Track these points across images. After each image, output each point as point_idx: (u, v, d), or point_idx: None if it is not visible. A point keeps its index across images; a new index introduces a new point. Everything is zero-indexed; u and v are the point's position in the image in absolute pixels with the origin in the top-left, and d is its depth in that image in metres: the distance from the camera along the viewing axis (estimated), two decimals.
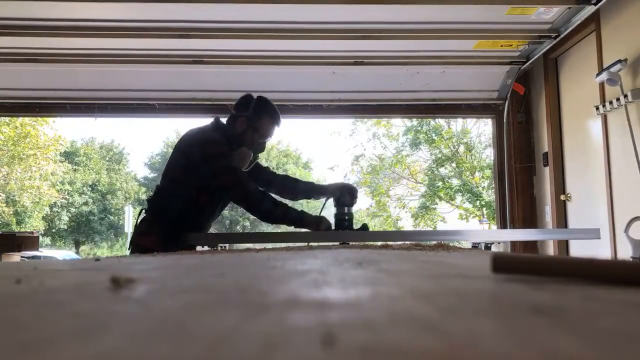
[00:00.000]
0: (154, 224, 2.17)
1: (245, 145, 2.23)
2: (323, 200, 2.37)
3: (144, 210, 2.26)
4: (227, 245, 2.16)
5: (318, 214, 2.24)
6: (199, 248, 2.06)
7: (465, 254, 1.04)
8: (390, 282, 0.49)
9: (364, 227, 2.24)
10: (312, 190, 2.42)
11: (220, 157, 2.11)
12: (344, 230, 2.17)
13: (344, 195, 2.23)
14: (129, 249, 2.25)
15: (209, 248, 2.05)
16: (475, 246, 2.25)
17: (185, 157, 2.17)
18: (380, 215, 15.74)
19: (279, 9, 3.17)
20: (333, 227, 2.19)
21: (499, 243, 3.02)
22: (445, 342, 0.24)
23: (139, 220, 2.24)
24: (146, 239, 2.12)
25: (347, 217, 2.22)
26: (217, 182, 2.10)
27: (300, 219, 2.16)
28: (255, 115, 2.24)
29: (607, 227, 3.18)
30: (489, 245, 2.27)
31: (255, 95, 2.32)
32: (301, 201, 2.66)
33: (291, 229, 2.21)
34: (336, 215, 2.24)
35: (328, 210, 2.34)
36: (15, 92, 4.26)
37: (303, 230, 2.18)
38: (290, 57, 3.89)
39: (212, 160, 2.10)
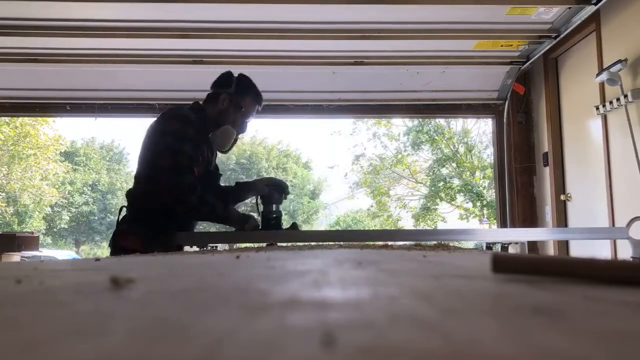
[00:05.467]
0: (134, 221, 1.98)
1: (228, 124, 2.07)
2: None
3: (124, 208, 2.05)
4: (217, 245, 2.00)
5: (257, 212, 2.07)
6: (186, 248, 1.93)
7: (466, 254, 1.04)
8: (390, 282, 0.49)
9: (294, 226, 2.09)
10: (241, 190, 2.22)
11: (172, 136, 1.90)
12: (271, 229, 2.00)
13: (271, 191, 2.06)
14: (109, 247, 2.04)
15: (198, 248, 1.90)
16: (490, 247, 2.17)
17: (158, 136, 1.97)
18: (381, 215, 15.75)
19: (279, 9, 3.17)
20: (260, 227, 2.02)
21: (516, 243, 2.88)
22: (445, 342, 0.24)
23: (119, 219, 2.04)
24: (127, 239, 1.94)
25: (274, 216, 2.04)
26: (155, 162, 1.89)
27: (225, 217, 1.99)
28: (238, 92, 2.09)
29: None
30: (505, 245, 2.16)
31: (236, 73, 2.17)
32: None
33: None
34: (262, 214, 2.06)
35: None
36: (15, 92, 4.26)
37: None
38: (290, 57, 3.89)
39: (162, 137, 1.91)
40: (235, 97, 2.09)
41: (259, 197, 2.11)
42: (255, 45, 3.68)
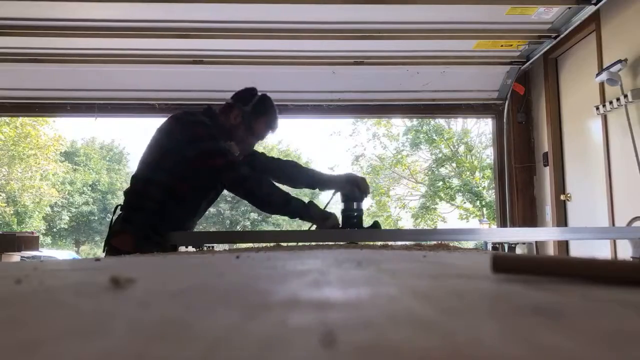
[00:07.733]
0: (129, 220, 1.92)
1: (234, 141, 1.98)
2: (330, 192, 2.07)
3: (119, 207, 1.99)
4: (213, 245, 1.91)
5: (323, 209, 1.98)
6: (182, 249, 1.86)
7: (466, 254, 1.04)
8: (390, 282, 0.49)
9: (376, 224, 2.00)
10: (316, 181, 2.10)
11: (211, 139, 1.87)
12: (352, 228, 1.91)
13: (353, 188, 1.96)
14: (103, 252, 1.96)
15: (194, 249, 1.83)
16: (496, 247, 2.15)
17: (168, 138, 1.90)
18: (381, 215, 15.76)
19: (279, 9, 3.18)
20: (340, 225, 1.92)
21: (523, 244, 2.80)
22: (445, 342, 0.24)
23: (114, 219, 1.97)
24: (121, 240, 1.89)
25: (355, 214, 1.95)
26: (207, 165, 1.85)
27: (305, 210, 1.87)
28: (253, 112, 2.00)
29: None
30: (512, 245, 2.12)
31: (260, 92, 2.08)
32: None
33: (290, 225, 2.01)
34: (343, 212, 1.97)
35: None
36: (15, 92, 4.27)
37: (308, 228, 1.92)
38: (290, 57, 3.89)
39: (201, 142, 1.85)
40: (248, 117, 2.00)
41: (335, 193, 2.02)
42: (255, 45, 3.68)
